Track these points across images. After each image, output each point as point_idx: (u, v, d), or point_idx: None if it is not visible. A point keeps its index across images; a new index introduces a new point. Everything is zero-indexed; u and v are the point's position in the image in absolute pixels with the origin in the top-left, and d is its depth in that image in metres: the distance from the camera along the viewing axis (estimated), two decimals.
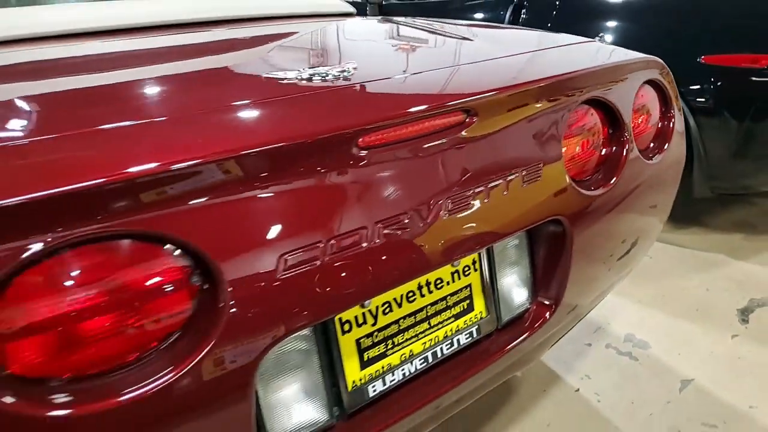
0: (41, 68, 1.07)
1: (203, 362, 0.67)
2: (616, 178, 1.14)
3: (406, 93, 0.91)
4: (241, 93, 0.86)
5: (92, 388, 0.63)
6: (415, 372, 0.97)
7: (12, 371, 0.60)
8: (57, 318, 0.61)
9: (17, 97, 0.85)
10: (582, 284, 1.15)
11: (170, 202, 0.65)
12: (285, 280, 0.72)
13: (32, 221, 0.57)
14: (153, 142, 0.68)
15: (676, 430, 1.59)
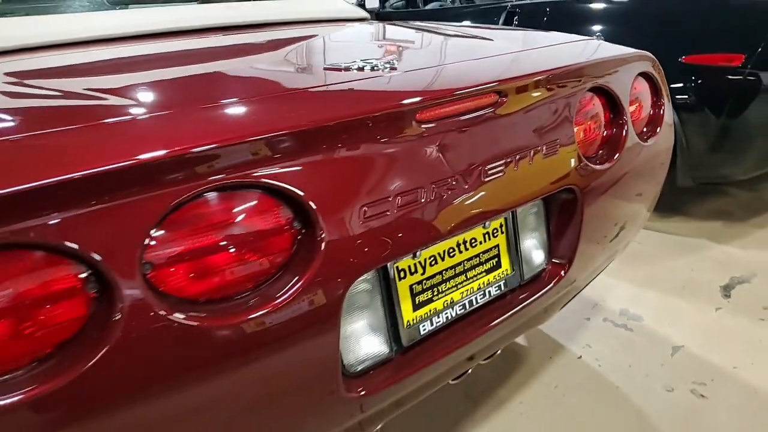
0: (149, 61, 1.23)
1: (305, 291, 0.83)
2: (618, 154, 1.32)
3: (447, 78, 1.08)
4: (316, 79, 1.02)
5: (226, 308, 0.79)
6: (455, 316, 1.14)
7: (165, 291, 0.75)
8: (197, 251, 0.77)
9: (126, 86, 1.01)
10: (590, 246, 1.33)
11: (285, 158, 0.81)
12: (364, 226, 0.89)
13: (191, 169, 0.73)
14: (275, 114, 0.85)
15: (670, 387, 1.77)
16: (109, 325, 0.70)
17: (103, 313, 0.71)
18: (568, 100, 1.22)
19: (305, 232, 0.85)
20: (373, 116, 0.90)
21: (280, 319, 0.82)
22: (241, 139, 0.77)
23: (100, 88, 0.98)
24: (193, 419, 0.79)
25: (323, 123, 0.84)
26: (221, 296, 0.80)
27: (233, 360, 0.79)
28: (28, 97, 0.98)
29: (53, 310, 0.69)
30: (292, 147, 0.82)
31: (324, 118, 0.85)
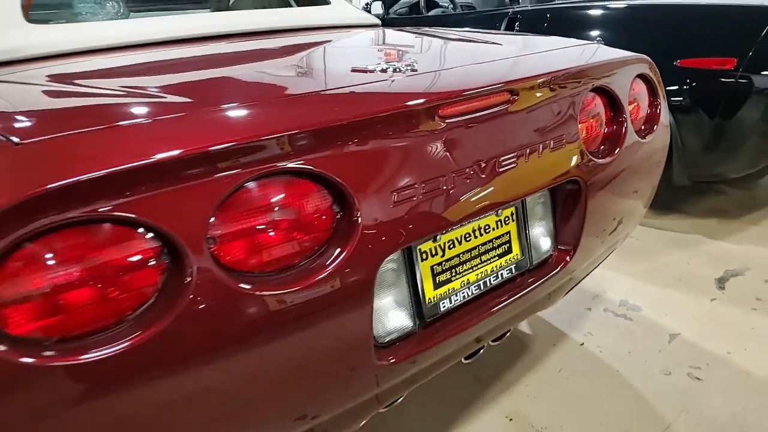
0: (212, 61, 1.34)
1: (343, 266, 0.94)
2: (619, 149, 1.43)
3: (464, 78, 1.19)
4: (347, 80, 1.13)
5: (277, 279, 0.89)
6: (471, 296, 1.25)
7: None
8: (252, 229, 0.88)
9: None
10: (593, 235, 1.44)
11: (326, 149, 0.92)
12: (393, 209, 1.00)
13: (250, 156, 0.84)
14: (316, 110, 0.96)
15: (667, 371, 1.88)
16: (179, 291, 0.81)
17: (174, 281, 0.81)
18: (573, 99, 1.33)
19: (343, 214, 0.96)
20: (401, 112, 1.01)
21: (323, 291, 0.92)
22: (289, 131, 0.88)
23: (163, 87, 1.09)
24: (248, 378, 0.89)
25: (358, 118, 0.95)
26: (272, 269, 0.91)
27: (283, 326, 0.89)
28: (100, 96, 1.09)
29: (132, 277, 0.79)
30: (332, 139, 0.93)
31: (358, 114, 0.96)
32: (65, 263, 0.74)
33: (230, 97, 0.99)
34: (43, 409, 0.73)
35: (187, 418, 0.86)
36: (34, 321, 0.73)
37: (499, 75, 1.21)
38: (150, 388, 0.80)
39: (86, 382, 0.75)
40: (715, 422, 1.65)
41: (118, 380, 0.78)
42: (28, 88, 1.17)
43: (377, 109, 0.99)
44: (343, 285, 0.95)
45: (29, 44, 1.48)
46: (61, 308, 0.75)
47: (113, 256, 0.77)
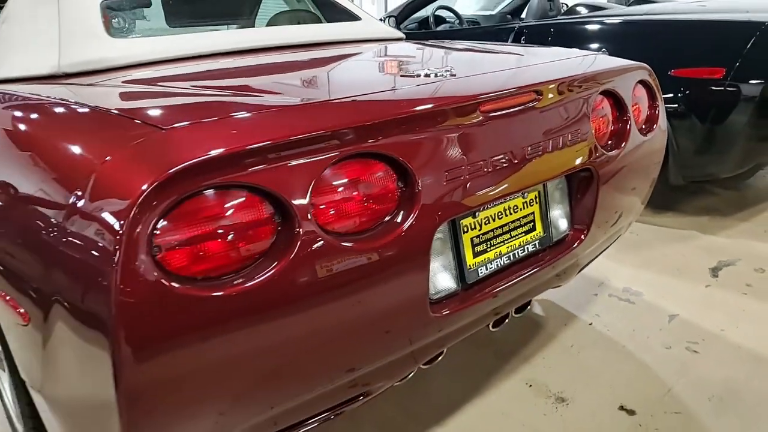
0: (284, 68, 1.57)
1: (408, 230, 1.16)
2: (625, 143, 1.67)
3: (497, 80, 1.42)
4: (400, 82, 1.37)
5: (359, 239, 1.12)
6: (503, 265, 1.47)
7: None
8: (341, 198, 1.10)
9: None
10: (604, 216, 1.67)
11: (394, 135, 1.15)
12: (445, 186, 1.22)
13: (342, 139, 1.07)
14: (385, 104, 1.19)
15: (668, 345, 2.10)
16: (289, 246, 1.03)
17: (284, 238, 1.04)
18: (586, 100, 1.56)
19: (406, 188, 1.19)
20: (450, 107, 1.24)
21: (393, 249, 1.14)
22: (366, 122, 1.11)
23: (253, 88, 1.33)
24: (335, 320, 1.11)
25: (418, 112, 1.18)
26: (356, 230, 1.13)
27: (362, 277, 1.12)
28: (204, 95, 1.32)
29: (253, 232, 1.01)
30: (398, 128, 1.16)
31: (418, 108, 1.19)
32: (207, 220, 0.97)
33: (317, 95, 1.22)
34: (187, 329, 0.95)
35: (279, 346, 1.07)
36: (186, 262, 0.95)
37: (526, 78, 1.44)
38: (260, 322, 1.02)
39: (219, 311, 0.97)
40: (710, 386, 1.87)
41: (240, 312, 0.99)
42: (139, 88, 1.41)
43: (432, 104, 1.22)
44: (408, 245, 1.17)
45: (115, 55, 1.72)
46: (204, 254, 0.97)
47: (240, 215, 0.99)
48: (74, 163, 1.05)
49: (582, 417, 1.76)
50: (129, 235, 0.88)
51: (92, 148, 1.06)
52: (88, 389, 1.00)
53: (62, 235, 0.97)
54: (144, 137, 1.01)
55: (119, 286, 0.88)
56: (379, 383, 1.33)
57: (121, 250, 0.88)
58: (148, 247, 0.90)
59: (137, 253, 0.89)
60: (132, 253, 0.89)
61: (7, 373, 1.59)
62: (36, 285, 1.04)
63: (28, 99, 1.42)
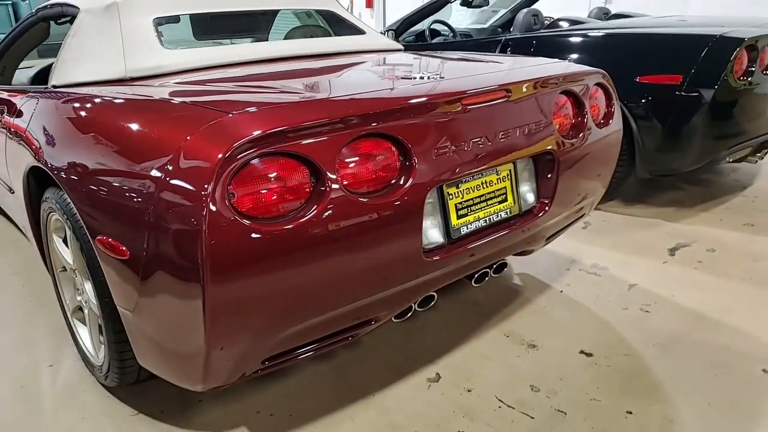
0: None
1: (407, 192, 1.56)
2: (582, 133, 2.08)
3: (476, 80, 1.83)
4: (400, 83, 1.78)
5: (374, 196, 1.52)
6: (481, 227, 1.87)
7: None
8: (357, 167, 1.51)
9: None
10: (565, 193, 2.07)
11: (398, 120, 1.55)
12: (435, 160, 1.63)
13: (361, 121, 1.47)
14: (394, 97, 1.60)
15: (625, 307, 2.50)
16: (321, 198, 1.43)
17: (317, 193, 1.44)
18: (549, 97, 1.97)
19: (405, 161, 1.59)
20: (440, 100, 1.65)
21: (396, 206, 1.54)
22: (375, 110, 1.51)
23: (294, 84, 1.74)
24: (354, 256, 1.50)
25: (413, 103, 1.59)
26: (369, 190, 1.53)
27: (377, 224, 1.51)
28: (249, 92, 1.72)
29: (295, 187, 1.41)
30: (399, 115, 1.56)
31: (415, 100, 1.60)
32: (265, 176, 1.37)
33: (337, 90, 1.63)
34: (252, 256, 1.34)
35: (315, 273, 1.46)
36: (251, 206, 1.35)
37: (499, 79, 1.85)
38: (301, 253, 1.42)
39: (273, 243, 1.37)
40: (656, 336, 2.27)
41: (287, 245, 1.39)
42: (196, 87, 1.82)
43: (425, 98, 1.62)
44: (407, 203, 1.57)
45: (168, 63, 2.13)
46: (263, 201, 1.37)
47: (286, 174, 1.40)
48: (163, 141, 1.46)
49: (549, 358, 2.15)
50: (213, 187, 1.29)
51: (175, 130, 1.46)
52: (179, 305, 1.39)
53: (161, 190, 1.37)
54: (215, 120, 1.41)
55: (208, 221, 1.28)
56: (384, 312, 1.72)
57: (208, 196, 1.28)
58: (226, 195, 1.30)
59: (219, 199, 1.29)
60: (215, 199, 1.29)
61: (88, 318, 1.98)
62: (139, 227, 1.43)
63: (108, 97, 1.83)
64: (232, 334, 1.41)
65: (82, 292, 1.97)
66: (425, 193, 1.61)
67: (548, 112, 1.97)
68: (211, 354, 1.42)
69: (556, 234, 2.32)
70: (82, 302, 2.04)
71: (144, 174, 1.44)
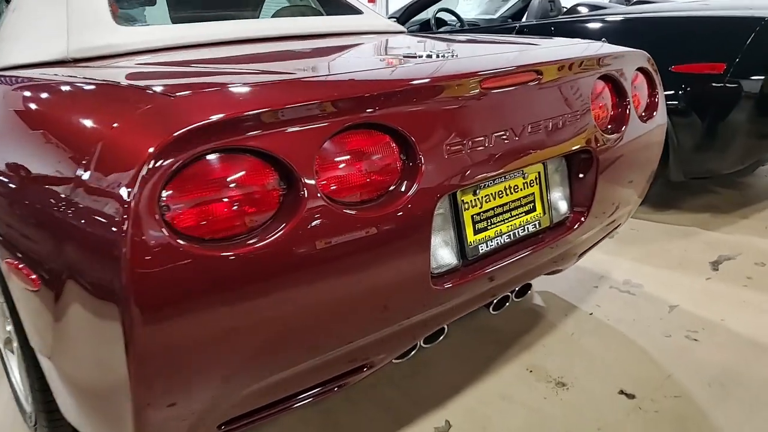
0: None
1: (415, 196, 1.18)
2: (625, 127, 1.69)
3: (499, 60, 1.45)
4: (402, 61, 1.39)
5: (365, 207, 1.14)
6: (504, 243, 1.49)
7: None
8: (344, 167, 1.12)
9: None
10: (603, 200, 1.69)
11: (396, 106, 1.17)
12: (446, 159, 1.24)
13: (347, 108, 1.09)
14: (391, 78, 1.22)
15: (668, 334, 2.11)
16: (294, 211, 1.05)
17: (289, 203, 1.06)
18: (586, 83, 1.59)
19: (408, 160, 1.21)
20: (452, 82, 1.26)
21: (396, 220, 1.17)
22: (366, 93, 1.13)
23: (267, 65, 1.36)
24: (337, 288, 1.13)
25: (417, 85, 1.21)
26: (359, 200, 1.15)
27: (369, 244, 1.14)
28: (208, 74, 1.34)
29: (259, 196, 1.04)
30: (399, 100, 1.18)
31: (417, 82, 1.22)
32: (213, 182, 0.99)
33: (318, 71, 1.25)
34: (195, 289, 0.97)
35: (284, 311, 1.09)
36: (193, 222, 0.97)
37: (528, 58, 1.47)
38: (266, 285, 1.04)
39: (225, 271, 0.99)
40: (710, 371, 1.88)
41: (246, 274, 1.01)
42: (146, 69, 1.44)
43: (433, 78, 1.24)
44: (410, 217, 1.19)
45: (121, 42, 1.75)
46: (211, 216, 0.99)
47: (246, 178, 1.02)
48: (83, 133, 1.08)
49: (582, 400, 1.77)
50: (138, 195, 0.91)
51: (101, 118, 1.08)
52: (99, 348, 1.02)
53: (74, 199, 0.99)
54: (151, 104, 1.03)
55: (130, 242, 0.90)
56: (380, 355, 1.35)
57: (130, 208, 0.90)
58: (157, 207, 0.92)
59: (146, 212, 0.91)
60: (141, 212, 0.91)
61: (16, 355, 1.61)
62: (47, 248, 1.06)
63: (37, 80, 1.45)
64: (167, 391, 1.03)
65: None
66: (434, 201, 1.23)
67: (586, 101, 1.58)
68: (141, 415, 1.05)
69: (590, 249, 1.94)
70: (11, 333, 1.66)
71: (57, 177, 1.06)
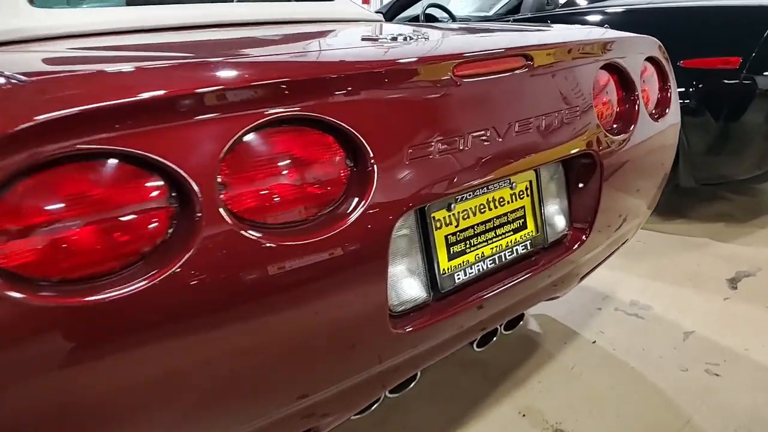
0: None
1: (357, 222, 0.89)
2: (633, 126, 1.40)
3: (479, 43, 1.16)
4: (361, 42, 1.11)
5: (289, 232, 0.85)
6: (486, 270, 1.20)
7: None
8: (262, 177, 0.83)
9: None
10: (609, 214, 1.39)
11: (338, 97, 0.88)
12: (409, 166, 0.95)
13: (262, 98, 0.80)
14: (330, 62, 0.92)
15: (684, 368, 1.82)
16: (187, 238, 0.76)
17: (182, 228, 0.77)
18: (587, 73, 1.30)
19: (357, 168, 0.92)
20: (417, 67, 0.97)
21: (337, 248, 0.87)
22: (296, 78, 0.84)
23: (185, 51, 1.06)
24: (253, 341, 0.84)
25: (370, 70, 0.92)
26: (288, 220, 0.86)
27: (293, 283, 0.84)
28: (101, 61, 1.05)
29: (139, 221, 0.74)
30: (344, 88, 0.89)
31: (370, 64, 0.93)
32: (68, 199, 0.70)
33: (247, 56, 0.96)
34: (34, 352, 0.68)
35: (182, 382, 0.80)
36: (34, 257, 0.68)
37: (514, 40, 1.18)
38: (147, 345, 0.75)
39: (83, 327, 0.70)
40: (736, 415, 1.59)
41: (117, 329, 0.72)
42: (42, 55, 1.15)
43: (391, 63, 0.95)
44: (358, 242, 0.90)
45: (35, 26, 1.46)
46: (59, 248, 0.70)
47: (116, 195, 0.72)
48: None
49: None
50: None
51: None
52: None
53: None
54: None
55: None
56: (328, 418, 1.05)
57: None
58: None
59: None
60: None
61: None
62: None
63: None
64: None
65: None
66: (392, 220, 0.94)
67: (587, 95, 1.29)
68: None
69: (592, 270, 1.64)
70: None
71: None
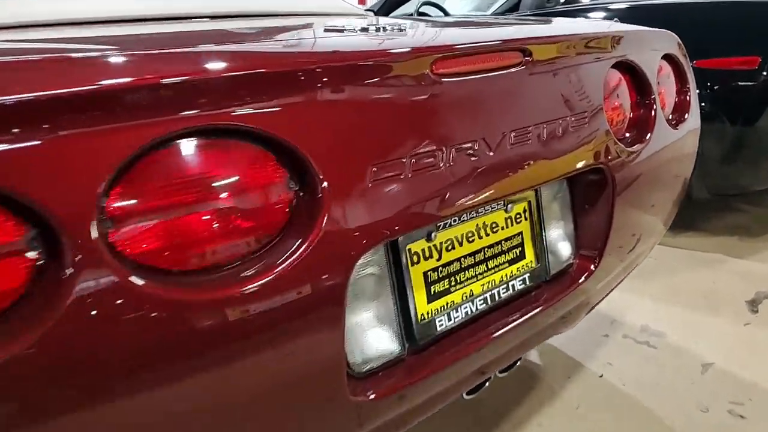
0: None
1: (301, 265, 0.68)
2: (650, 134, 1.19)
3: (465, 36, 0.95)
4: (319, 34, 0.89)
5: (205, 281, 0.63)
6: (476, 312, 0.98)
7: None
8: (168, 209, 0.62)
9: None
10: (622, 237, 1.18)
11: (279, 103, 0.67)
12: (373, 189, 0.74)
13: (167, 104, 0.59)
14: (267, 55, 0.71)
15: (704, 407, 1.60)
16: (56, 296, 0.55)
17: (49, 281, 0.55)
18: (595, 72, 1.09)
19: (302, 193, 0.71)
20: (381, 64, 0.76)
21: (271, 300, 0.66)
22: (218, 74, 0.63)
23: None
24: (163, 415, 0.63)
25: (321, 67, 0.70)
26: (198, 267, 0.65)
27: (215, 344, 0.63)
28: None
29: None
30: (285, 92, 0.68)
31: (324, 60, 0.72)
32: None
33: (154, 45, 0.75)
34: None
35: None
36: None
37: (508, 34, 0.97)
38: None
39: None
40: None
41: None
42: None
43: (349, 53, 0.74)
44: (302, 289, 0.68)
45: None
46: None
47: None
48: None
49: None
50: None
51: None
52: None
53: None
54: None
55: None
56: None
57: None
58: None
59: None
60: None
61: None
62: None
63: None
64: None
65: None
66: (354, 258, 0.72)
67: (596, 98, 1.08)
68: None
69: (602, 300, 1.43)
70: None
71: None
